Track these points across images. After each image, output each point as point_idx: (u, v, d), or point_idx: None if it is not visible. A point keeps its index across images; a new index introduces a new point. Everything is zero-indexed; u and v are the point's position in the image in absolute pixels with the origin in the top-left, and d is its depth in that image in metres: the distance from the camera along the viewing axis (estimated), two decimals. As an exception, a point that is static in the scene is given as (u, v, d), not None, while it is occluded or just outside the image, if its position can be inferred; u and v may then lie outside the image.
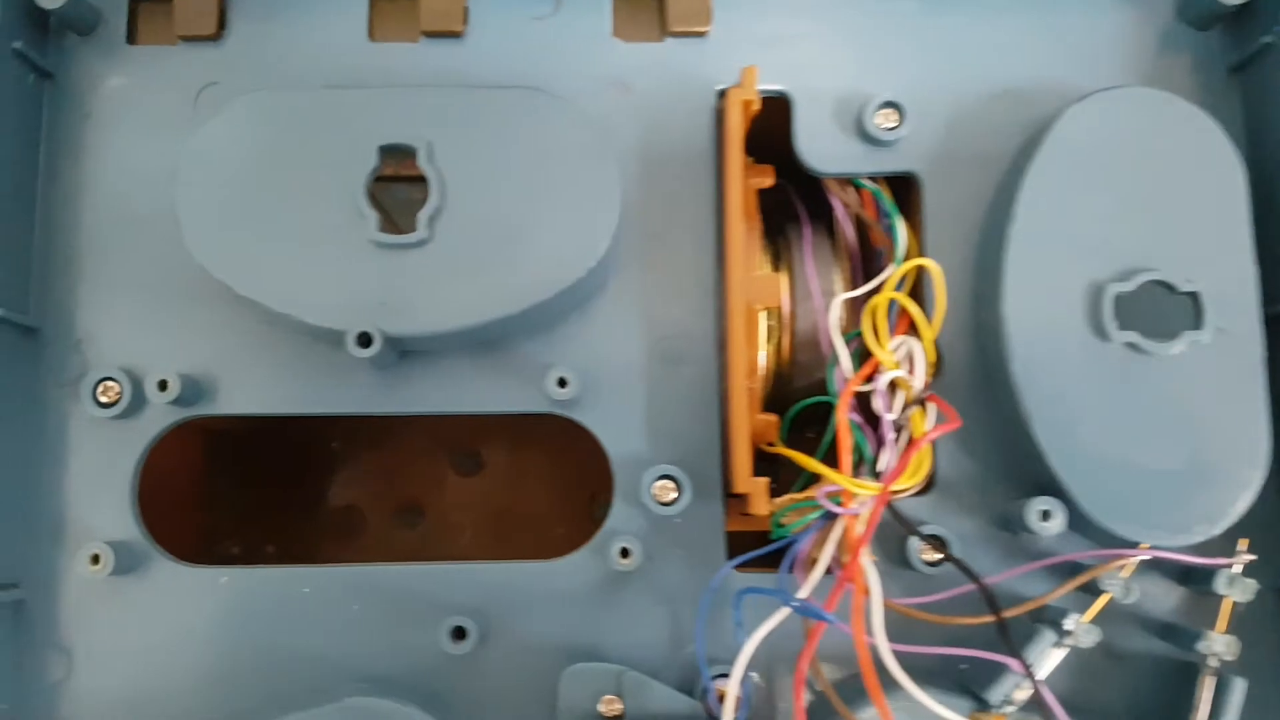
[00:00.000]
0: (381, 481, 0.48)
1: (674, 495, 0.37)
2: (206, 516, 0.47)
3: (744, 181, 0.37)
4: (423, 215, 0.36)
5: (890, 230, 0.38)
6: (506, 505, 0.48)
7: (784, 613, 0.35)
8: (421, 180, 0.36)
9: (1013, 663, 0.34)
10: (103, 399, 0.37)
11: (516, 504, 0.48)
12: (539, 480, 0.49)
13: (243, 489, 0.48)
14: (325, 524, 0.48)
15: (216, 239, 0.36)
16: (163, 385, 0.36)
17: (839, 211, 0.39)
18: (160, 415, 0.37)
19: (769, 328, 0.40)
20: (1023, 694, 0.35)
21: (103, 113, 0.39)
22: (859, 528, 0.35)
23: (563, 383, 0.37)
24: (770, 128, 0.39)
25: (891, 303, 0.37)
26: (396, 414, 0.38)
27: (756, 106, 0.37)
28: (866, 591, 0.34)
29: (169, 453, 0.39)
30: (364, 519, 0.48)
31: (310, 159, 0.36)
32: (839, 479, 0.34)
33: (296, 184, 0.36)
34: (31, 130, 0.39)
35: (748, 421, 0.36)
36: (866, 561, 0.34)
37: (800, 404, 0.39)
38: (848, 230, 0.40)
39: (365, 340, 0.35)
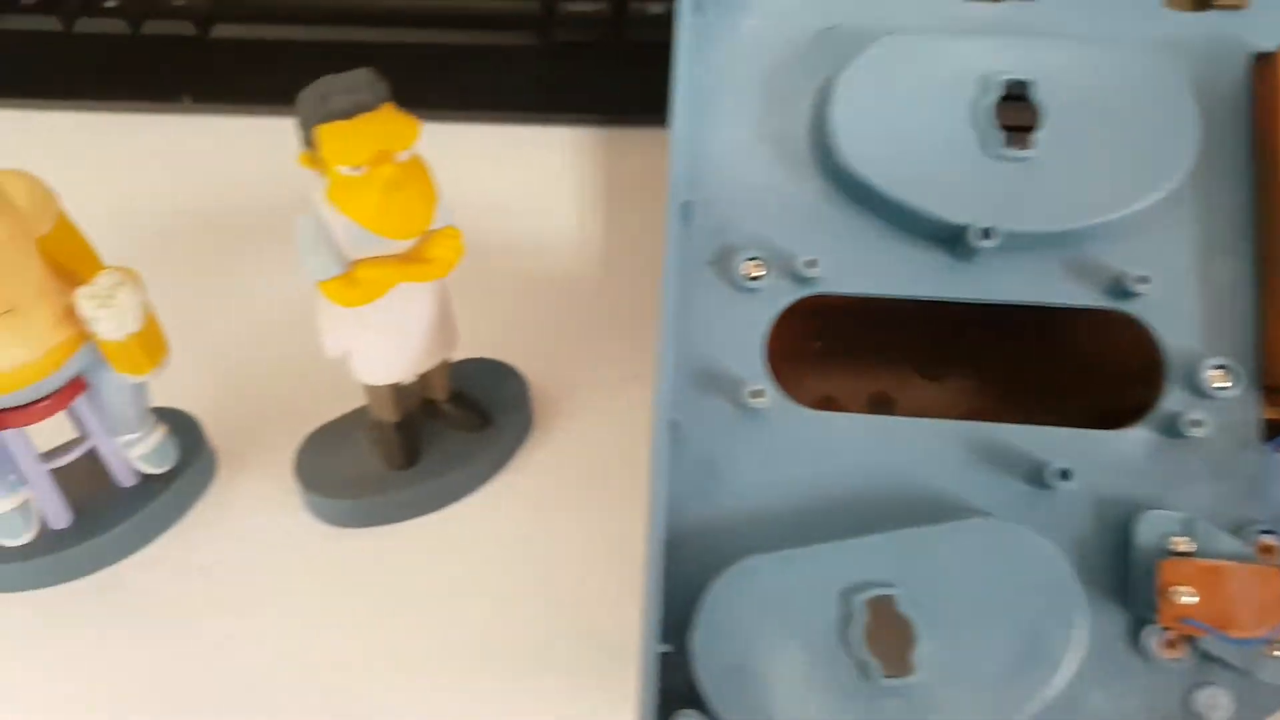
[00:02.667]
0: (854, 377, 0.57)
1: (1228, 384, 0.44)
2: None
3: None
4: (1035, 137, 0.44)
5: None
6: (971, 410, 0.56)
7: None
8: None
9: None
10: (749, 274, 0.46)
11: (982, 412, 0.55)
12: (1004, 392, 0.56)
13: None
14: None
15: (864, 150, 0.45)
16: (810, 264, 0.46)
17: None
18: (789, 289, 0.47)
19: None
20: None
21: (739, 45, 0.49)
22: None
23: (1143, 280, 0.44)
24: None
25: None
26: (978, 301, 0.46)
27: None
28: None
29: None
30: (841, 406, 0.56)
31: (942, 88, 0.45)
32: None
33: (929, 107, 0.45)
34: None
35: (1293, 319, 0.43)
36: None
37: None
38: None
39: (986, 234, 0.44)
